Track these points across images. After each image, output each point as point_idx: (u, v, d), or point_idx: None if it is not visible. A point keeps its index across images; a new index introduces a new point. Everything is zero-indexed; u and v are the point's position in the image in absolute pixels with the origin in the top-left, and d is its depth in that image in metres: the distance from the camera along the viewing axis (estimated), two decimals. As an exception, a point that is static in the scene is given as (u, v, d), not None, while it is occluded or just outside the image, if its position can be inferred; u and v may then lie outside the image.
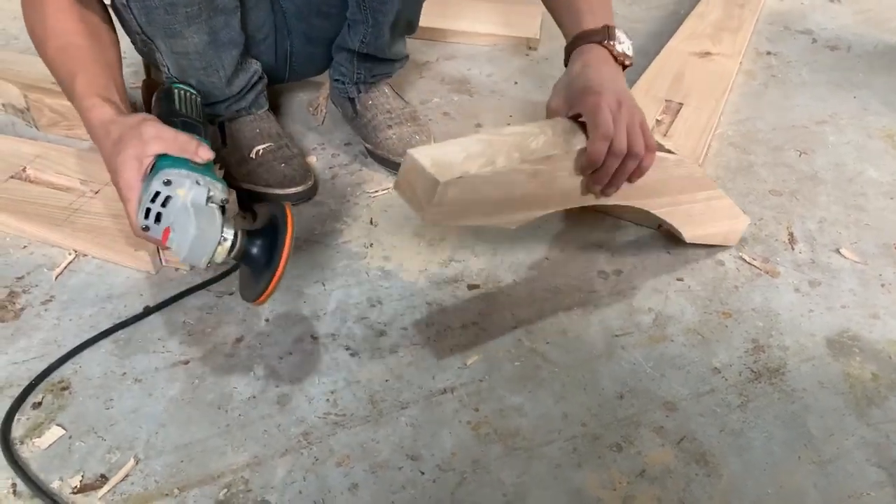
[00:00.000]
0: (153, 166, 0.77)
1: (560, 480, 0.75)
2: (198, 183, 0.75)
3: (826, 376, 0.87)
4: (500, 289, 0.98)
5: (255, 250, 0.77)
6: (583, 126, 0.83)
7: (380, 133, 1.19)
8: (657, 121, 1.25)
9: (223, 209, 0.78)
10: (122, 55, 0.95)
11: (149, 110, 1.24)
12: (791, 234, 1.09)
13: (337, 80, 1.23)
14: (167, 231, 0.73)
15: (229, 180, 1.11)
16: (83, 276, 0.96)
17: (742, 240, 1.07)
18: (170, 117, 0.85)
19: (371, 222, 1.08)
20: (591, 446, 0.79)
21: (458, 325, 0.92)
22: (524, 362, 0.88)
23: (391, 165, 1.18)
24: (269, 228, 0.77)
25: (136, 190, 0.77)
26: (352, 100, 1.23)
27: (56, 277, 0.96)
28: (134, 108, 1.26)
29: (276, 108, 1.27)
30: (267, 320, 0.91)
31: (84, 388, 0.83)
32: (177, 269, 0.97)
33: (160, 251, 0.96)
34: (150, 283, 0.96)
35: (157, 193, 0.74)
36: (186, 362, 0.86)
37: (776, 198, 1.16)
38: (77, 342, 0.87)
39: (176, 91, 0.92)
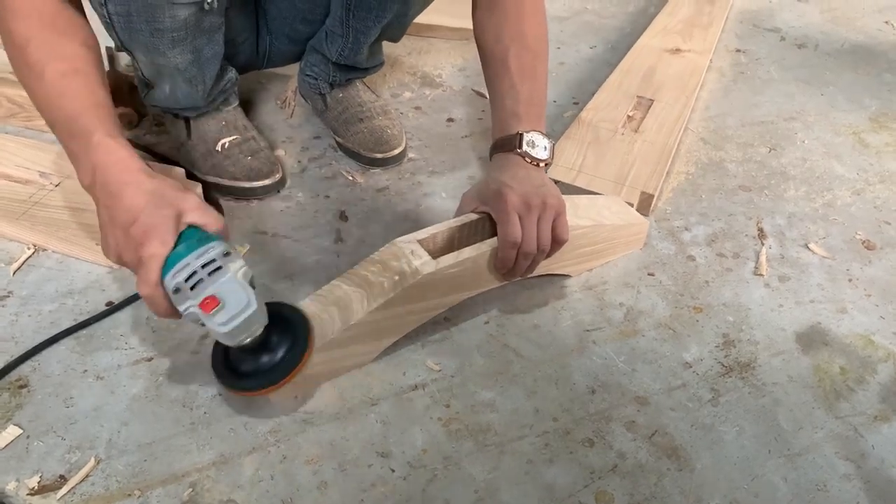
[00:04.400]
0: (181, 234, 0.71)
1: (532, 476, 0.75)
2: (245, 264, 0.72)
3: (795, 370, 0.88)
4: (472, 284, 0.97)
5: (272, 341, 0.73)
6: (492, 224, 0.86)
7: (350, 127, 1.17)
8: (628, 117, 1.25)
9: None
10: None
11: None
12: (761, 230, 1.09)
13: (309, 76, 1.21)
14: (213, 300, 0.68)
15: (194, 173, 1.08)
16: (43, 271, 0.94)
17: (712, 235, 1.07)
18: None
19: (341, 216, 1.07)
20: (563, 441, 0.78)
21: (428, 321, 0.91)
22: (495, 357, 0.87)
23: (362, 159, 1.16)
24: (286, 324, 0.74)
25: (167, 248, 0.69)
26: (322, 95, 1.21)
27: (14, 273, 0.93)
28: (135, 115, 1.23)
29: (243, 101, 1.24)
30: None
31: (43, 386, 0.80)
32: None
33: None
34: (113, 277, 0.93)
35: (213, 261, 0.69)
36: (150, 359, 0.84)
37: (746, 193, 1.17)
38: (36, 339, 0.84)
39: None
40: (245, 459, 0.75)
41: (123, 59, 1.21)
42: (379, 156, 1.15)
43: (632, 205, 1.05)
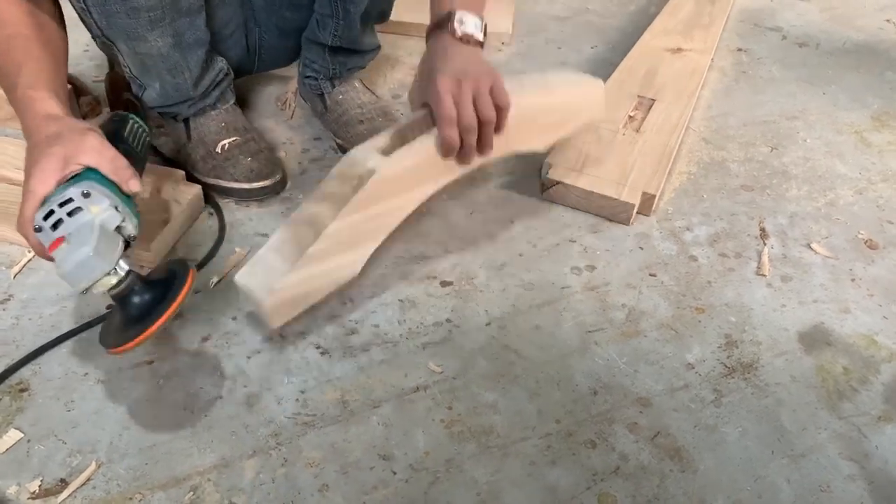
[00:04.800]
0: (76, 176, 0.73)
1: (534, 478, 0.74)
2: (116, 208, 0.72)
3: (798, 370, 0.87)
4: (473, 285, 0.96)
5: (135, 298, 0.72)
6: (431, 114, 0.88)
7: (351, 128, 1.17)
8: (630, 117, 1.25)
9: (128, 244, 0.75)
10: (86, 48, 0.92)
11: (112, 104, 1.21)
12: (763, 229, 1.09)
13: (309, 77, 1.20)
14: (59, 240, 0.69)
15: (195, 176, 1.08)
16: (42, 275, 0.93)
17: (714, 235, 1.07)
18: (114, 141, 0.80)
19: (342, 218, 1.06)
20: (566, 443, 0.78)
21: (430, 323, 0.91)
22: (497, 359, 0.87)
23: (362, 160, 1.16)
24: (161, 284, 0.73)
25: (46, 187, 0.72)
26: (322, 95, 1.21)
27: (14, 276, 0.93)
28: (97, 102, 1.23)
29: (243, 102, 1.24)
30: (234, 318, 0.89)
31: (44, 390, 0.80)
32: (141, 266, 0.95)
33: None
34: (114, 281, 0.93)
35: (70, 200, 0.70)
36: (150, 362, 0.84)
37: (748, 193, 1.16)
38: (37, 342, 0.84)
39: (130, 121, 0.89)
40: (246, 462, 0.74)
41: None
42: (380, 157, 1.15)
43: (634, 206, 1.05)
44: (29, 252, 0.95)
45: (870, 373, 0.88)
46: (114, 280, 0.70)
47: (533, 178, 1.14)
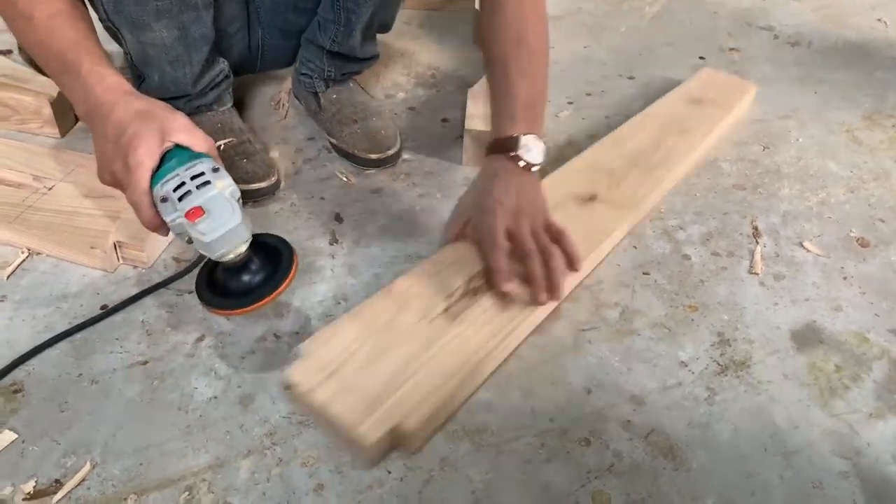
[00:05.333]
0: (168, 152, 0.74)
1: (529, 476, 0.75)
2: (234, 184, 0.75)
3: (791, 368, 0.88)
4: (467, 284, 0.97)
5: (253, 265, 0.77)
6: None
7: (345, 128, 1.17)
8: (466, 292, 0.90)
9: None
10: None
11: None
12: (755, 228, 1.09)
13: (304, 75, 1.20)
14: (198, 211, 0.71)
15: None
16: (37, 275, 0.93)
17: (707, 234, 1.07)
18: None
19: (336, 218, 1.07)
20: (560, 441, 0.78)
21: (424, 322, 0.91)
22: (492, 358, 0.87)
23: (356, 160, 1.16)
24: (273, 249, 0.79)
25: (154, 160, 0.72)
26: (316, 94, 1.21)
27: (8, 277, 0.93)
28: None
29: (238, 102, 1.24)
30: (228, 318, 0.89)
31: (38, 391, 0.80)
32: (135, 267, 0.95)
33: (117, 249, 0.94)
34: (107, 281, 0.93)
35: (201, 174, 0.72)
36: (145, 362, 0.84)
37: (740, 192, 1.17)
38: (31, 343, 0.84)
39: None
40: (241, 462, 0.74)
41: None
42: (374, 156, 1.15)
43: (371, 446, 0.73)
44: (22, 253, 0.95)
45: (862, 370, 0.88)
46: (244, 248, 0.74)
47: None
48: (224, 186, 0.73)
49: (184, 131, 0.75)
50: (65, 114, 1.18)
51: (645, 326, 0.92)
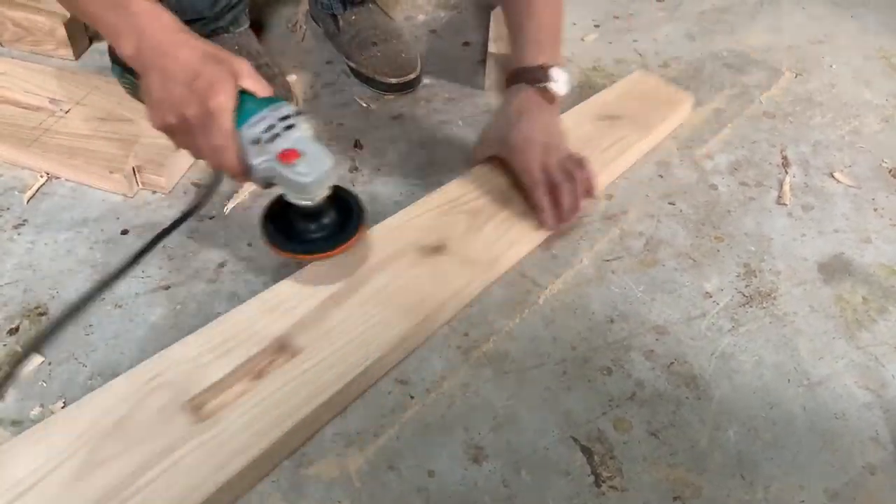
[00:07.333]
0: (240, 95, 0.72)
1: (550, 403, 0.75)
2: (313, 127, 0.73)
3: (817, 300, 0.87)
4: (489, 212, 0.95)
5: (332, 211, 0.76)
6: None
7: (364, 51, 1.14)
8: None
9: None
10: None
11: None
12: (785, 158, 1.07)
13: None
14: (293, 152, 0.70)
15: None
16: (56, 199, 0.93)
17: (735, 163, 1.04)
18: None
19: (356, 145, 1.05)
20: (581, 370, 0.78)
21: (446, 250, 0.90)
22: (514, 287, 0.86)
23: (376, 85, 1.13)
24: (342, 201, 0.78)
25: (233, 102, 0.70)
26: (334, 16, 1.17)
27: (28, 201, 0.92)
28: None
29: (254, 25, 1.21)
30: (250, 244, 0.89)
31: (62, 314, 0.80)
32: (154, 192, 0.94)
33: (136, 173, 0.93)
34: (127, 206, 0.92)
35: (287, 117, 0.71)
36: (167, 287, 0.84)
37: (770, 120, 1.13)
38: (53, 266, 0.84)
39: None
40: (265, 386, 0.75)
41: None
42: (394, 81, 1.12)
43: None
44: (41, 177, 0.94)
45: (889, 303, 0.87)
46: (329, 191, 0.73)
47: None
48: (307, 129, 0.72)
49: (250, 77, 0.72)
50: (79, 35, 1.15)
51: (669, 257, 0.91)
